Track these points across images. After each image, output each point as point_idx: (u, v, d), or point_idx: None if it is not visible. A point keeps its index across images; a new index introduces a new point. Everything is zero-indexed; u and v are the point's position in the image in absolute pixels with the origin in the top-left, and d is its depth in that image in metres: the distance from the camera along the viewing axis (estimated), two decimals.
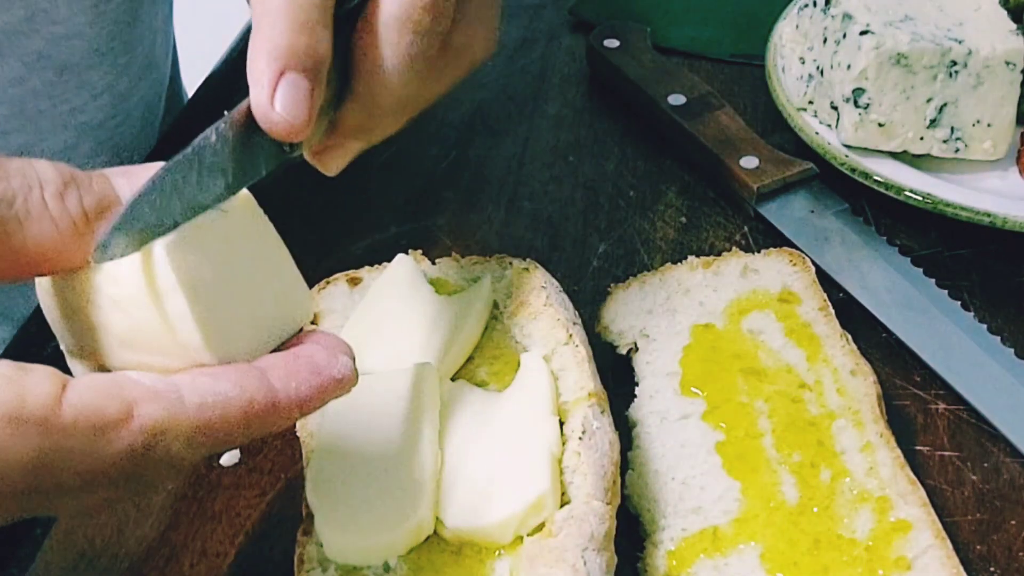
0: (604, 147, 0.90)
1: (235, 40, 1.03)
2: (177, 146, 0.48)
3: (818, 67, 0.83)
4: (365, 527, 0.56)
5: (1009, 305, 0.74)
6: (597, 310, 0.72)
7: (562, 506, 0.56)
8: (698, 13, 1.02)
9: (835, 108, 0.81)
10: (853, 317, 0.72)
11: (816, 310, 0.69)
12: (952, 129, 0.80)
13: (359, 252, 0.80)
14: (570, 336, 0.63)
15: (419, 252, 0.71)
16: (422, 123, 0.66)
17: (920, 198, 0.77)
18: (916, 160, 0.81)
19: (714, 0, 1.03)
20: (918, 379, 0.70)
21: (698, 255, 0.74)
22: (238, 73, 0.53)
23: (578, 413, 0.60)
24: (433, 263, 0.71)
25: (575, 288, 0.77)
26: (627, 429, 0.65)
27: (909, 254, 0.77)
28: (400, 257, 0.69)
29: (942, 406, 0.69)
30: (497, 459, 0.58)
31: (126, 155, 0.91)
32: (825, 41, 0.82)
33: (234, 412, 0.46)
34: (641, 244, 0.81)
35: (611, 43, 0.94)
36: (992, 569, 0.61)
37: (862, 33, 0.78)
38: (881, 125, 0.79)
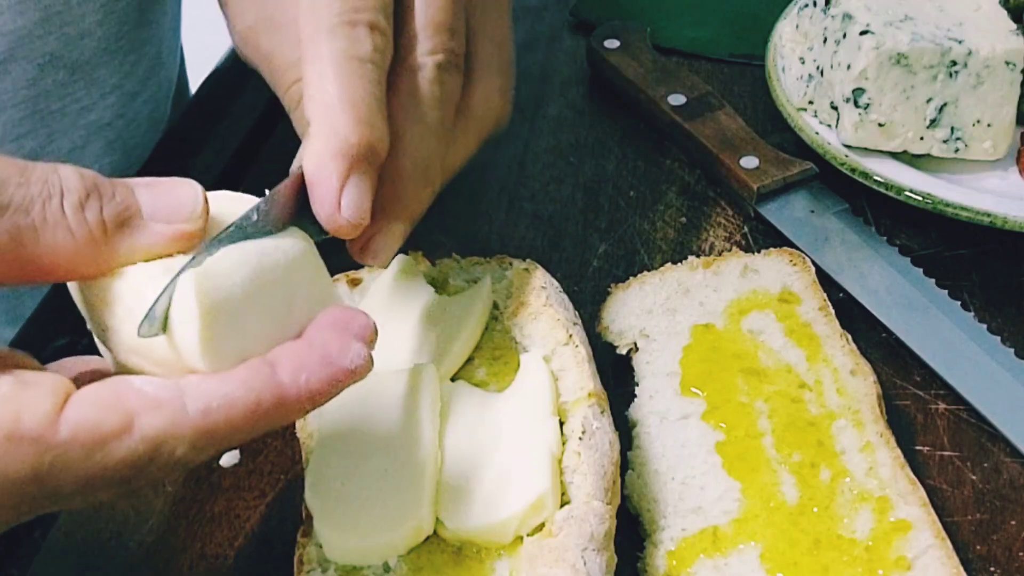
0: (604, 147, 0.90)
1: None
2: (180, 143, 0.48)
3: (818, 67, 0.83)
4: (365, 527, 0.56)
5: (1009, 305, 0.74)
6: (597, 310, 0.72)
7: (562, 506, 0.56)
8: (698, 13, 1.02)
9: (835, 108, 0.81)
10: (853, 317, 0.72)
11: (816, 310, 0.69)
12: (952, 129, 0.80)
13: None
14: (570, 336, 0.63)
15: (419, 252, 0.71)
16: None
17: (920, 198, 0.77)
18: (916, 160, 0.81)
19: (714, 0, 1.03)
20: (918, 379, 0.70)
21: (698, 255, 0.74)
22: (241, 71, 0.52)
23: (578, 413, 0.60)
24: (433, 264, 0.71)
25: (575, 288, 0.77)
26: (627, 429, 0.65)
27: (909, 254, 0.77)
28: (400, 257, 0.69)
29: (942, 406, 0.69)
30: (497, 459, 0.58)
31: (135, 154, 0.91)
32: (825, 41, 0.82)
33: (239, 414, 0.46)
34: (641, 244, 0.81)
35: (611, 44, 0.94)
36: (992, 569, 0.61)
37: (862, 33, 0.78)
38: (881, 125, 0.79)
